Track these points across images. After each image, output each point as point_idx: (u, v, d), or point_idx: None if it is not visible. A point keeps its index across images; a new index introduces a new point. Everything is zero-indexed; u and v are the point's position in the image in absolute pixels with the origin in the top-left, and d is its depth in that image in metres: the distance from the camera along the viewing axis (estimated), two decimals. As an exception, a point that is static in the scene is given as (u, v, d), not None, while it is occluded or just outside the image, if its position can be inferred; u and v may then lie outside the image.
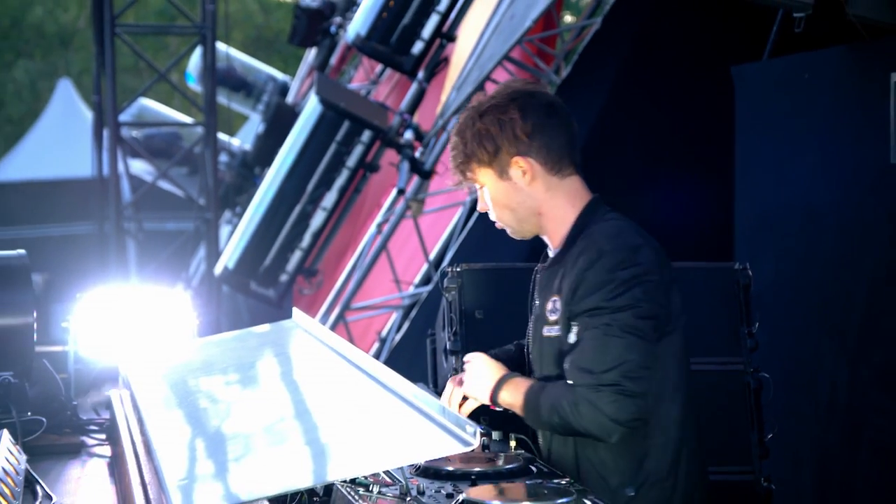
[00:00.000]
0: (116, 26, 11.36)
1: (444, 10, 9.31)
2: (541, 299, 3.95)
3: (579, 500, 3.19)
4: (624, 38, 9.20)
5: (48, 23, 36.12)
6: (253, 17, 35.32)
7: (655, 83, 8.76)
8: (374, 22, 9.42)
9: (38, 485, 4.02)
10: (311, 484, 3.25)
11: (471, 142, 3.89)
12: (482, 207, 4.05)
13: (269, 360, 4.35)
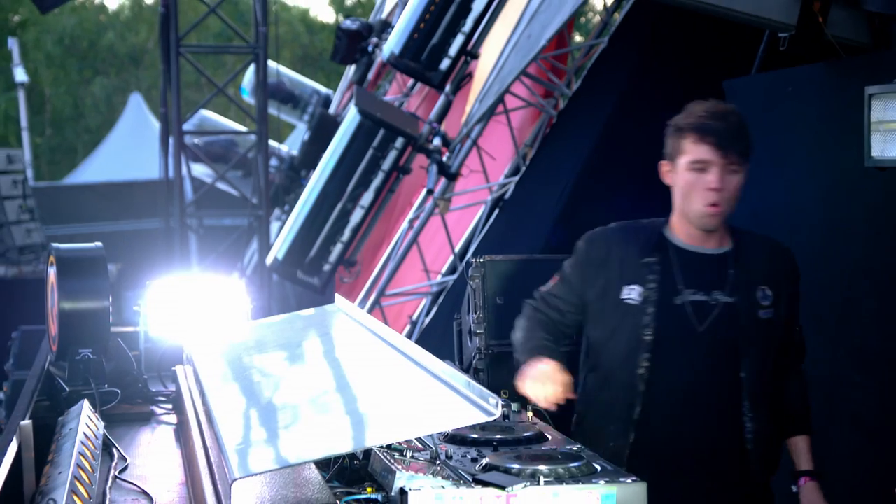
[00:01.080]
0: (181, 47, 11.40)
1: (469, 31, 9.29)
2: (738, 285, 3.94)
3: (589, 464, 3.19)
4: (628, 56, 9.19)
5: (120, 44, 36.30)
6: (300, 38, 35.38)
7: (657, 96, 8.73)
8: (407, 42, 9.41)
9: (114, 448, 4.05)
10: (351, 449, 3.26)
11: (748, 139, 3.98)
12: (720, 185, 3.89)
13: (313, 340, 4.35)
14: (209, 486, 3.19)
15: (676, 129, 4.02)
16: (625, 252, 3.99)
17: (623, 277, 3.94)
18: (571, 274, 4.09)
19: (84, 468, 3.50)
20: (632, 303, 3.91)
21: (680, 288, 3.90)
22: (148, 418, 4.64)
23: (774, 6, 6.09)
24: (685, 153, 3.93)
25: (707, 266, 3.94)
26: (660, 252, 3.95)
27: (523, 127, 10.51)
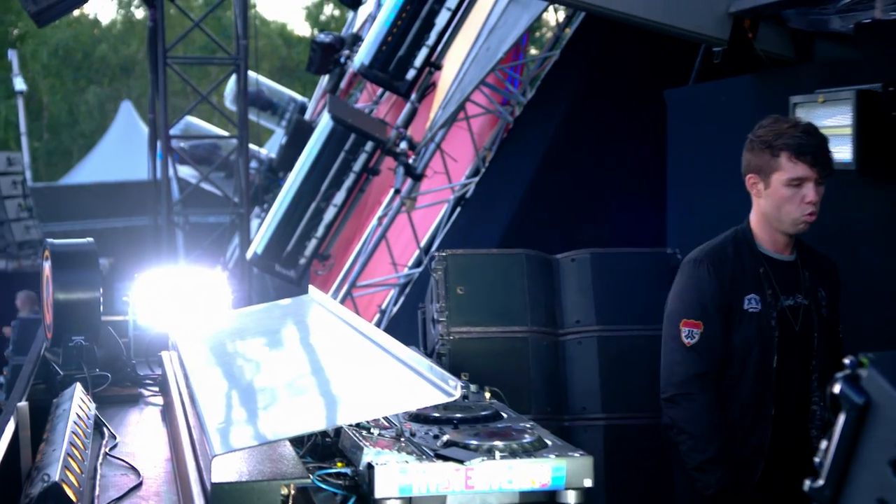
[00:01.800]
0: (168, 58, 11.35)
1: (432, 44, 9.31)
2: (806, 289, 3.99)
3: (541, 439, 3.20)
4: (578, 67, 9.21)
5: (112, 56, 36.22)
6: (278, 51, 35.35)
7: (603, 103, 8.76)
8: (376, 54, 9.42)
9: (104, 427, 4.04)
10: (323, 427, 3.26)
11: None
12: (816, 198, 3.85)
13: (289, 328, 4.35)
14: (192, 462, 3.19)
15: (767, 146, 3.90)
16: (738, 265, 3.98)
17: (742, 289, 3.93)
18: (712, 304, 3.97)
19: (77, 445, 3.49)
20: (754, 310, 3.91)
21: (779, 294, 3.94)
22: (136, 400, 4.63)
23: (709, 23, 6.11)
24: (781, 170, 3.85)
25: (790, 273, 3.98)
26: (762, 263, 3.96)
27: (483, 132, 10.53)
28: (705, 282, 3.97)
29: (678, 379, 3.99)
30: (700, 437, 3.93)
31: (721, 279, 3.95)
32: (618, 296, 4.87)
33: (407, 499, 2.95)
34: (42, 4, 9.77)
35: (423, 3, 9.22)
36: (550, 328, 4.88)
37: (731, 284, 3.94)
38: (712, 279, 3.96)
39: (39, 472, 3.19)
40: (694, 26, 6.13)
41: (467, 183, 10.22)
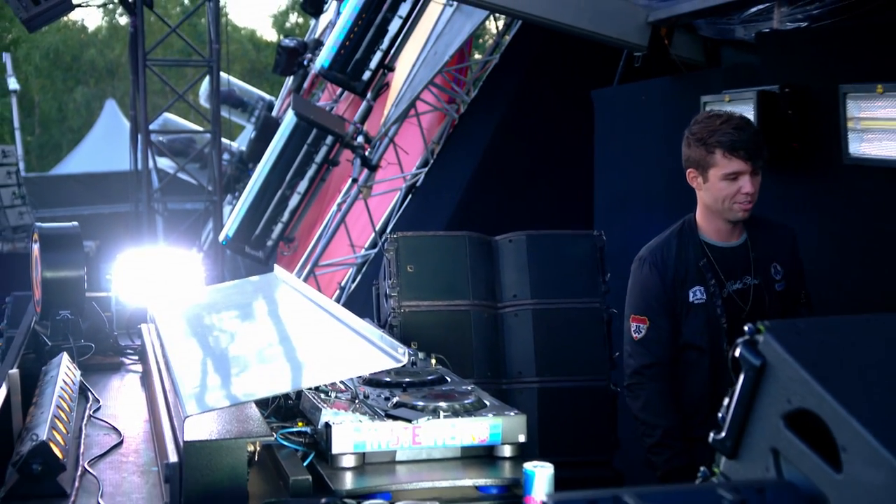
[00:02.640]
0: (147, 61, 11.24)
1: (386, 48, 9.29)
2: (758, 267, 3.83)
3: (480, 400, 3.21)
4: (516, 69, 9.21)
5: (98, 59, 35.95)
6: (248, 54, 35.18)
7: (538, 101, 8.78)
8: (335, 57, 9.38)
9: (89, 392, 4.03)
10: (286, 391, 3.26)
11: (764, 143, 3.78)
12: (752, 189, 3.69)
13: (257, 303, 4.33)
14: (167, 423, 3.18)
15: (702, 143, 3.73)
16: (680, 261, 3.83)
17: (686, 282, 3.80)
18: (657, 302, 3.87)
19: (63, 409, 3.47)
20: (699, 302, 3.78)
21: (724, 281, 3.80)
22: (118, 368, 4.60)
23: (631, 31, 6.14)
24: (717, 166, 3.68)
25: (736, 257, 3.83)
26: (705, 255, 3.81)
27: (431, 127, 10.52)
28: (649, 280, 3.88)
29: (629, 370, 3.95)
30: (648, 422, 3.88)
31: (663, 277, 3.84)
32: (550, 273, 4.87)
33: (361, 454, 2.96)
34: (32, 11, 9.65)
35: (377, 12, 9.19)
36: (490, 302, 4.88)
37: (675, 280, 3.83)
38: (654, 277, 3.86)
39: (29, 433, 3.17)
40: (617, 34, 6.16)
41: (417, 173, 10.22)
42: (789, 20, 5.34)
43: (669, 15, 5.98)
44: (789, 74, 5.08)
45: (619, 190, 6.92)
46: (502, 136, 9.02)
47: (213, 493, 2.70)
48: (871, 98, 4.33)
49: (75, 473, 3.09)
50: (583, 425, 4.73)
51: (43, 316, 4.75)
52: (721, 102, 5.36)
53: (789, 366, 1.95)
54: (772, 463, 1.99)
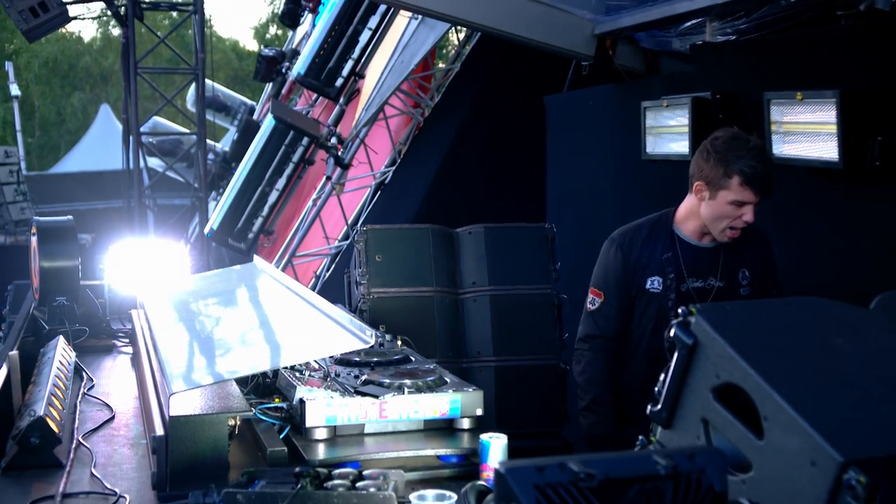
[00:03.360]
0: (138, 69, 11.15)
1: (357, 57, 9.27)
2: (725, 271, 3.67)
3: (441, 378, 3.22)
4: (475, 77, 9.22)
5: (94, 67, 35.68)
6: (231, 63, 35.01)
7: (496, 106, 8.79)
8: (310, 65, 9.34)
9: (83, 371, 4.01)
10: (265, 369, 3.26)
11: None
12: (751, 220, 3.51)
13: (238, 290, 4.32)
14: (154, 400, 3.17)
15: (723, 163, 3.49)
16: (647, 247, 3.71)
17: (647, 270, 3.69)
18: (615, 284, 3.78)
19: (59, 387, 3.45)
20: (655, 291, 3.67)
21: (685, 277, 3.67)
22: (110, 350, 4.59)
23: (579, 42, 6.16)
24: (729, 190, 3.48)
25: (704, 258, 3.67)
26: (672, 248, 3.67)
27: (398, 129, 10.50)
28: (612, 261, 3.80)
29: (578, 336, 3.92)
30: (582, 387, 3.86)
31: (626, 260, 3.74)
32: (506, 262, 4.88)
33: (332, 427, 2.96)
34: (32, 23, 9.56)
35: (349, 24, 9.17)
36: (451, 288, 4.89)
37: (636, 266, 3.73)
38: (617, 259, 3.77)
39: (28, 409, 3.16)
40: (566, 45, 6.17)
41: (386, 171, 10.20)
42: (720, 33, 5.37)
43: (613, 28, 6.00)
44: (720, 83, 5.11)
45: (568, 186, 6.94)
46: (463, 138, 9.03)
47: (197, 464, 2.70)
48: (792, 104, 4.37)
49: (70, 446, 3.08)
50: (535, 400, 4.75)
51: (41, 302, 4.73)
52: (660, 108, 5.38)
53: (718, 344, 1.97)
54: (702, 432, 2.01)
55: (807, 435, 1.79)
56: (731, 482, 1.73)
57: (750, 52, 5.14)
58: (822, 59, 4.48)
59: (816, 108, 4.19)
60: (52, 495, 2.70)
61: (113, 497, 2.69)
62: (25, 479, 2.83)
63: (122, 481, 2.81)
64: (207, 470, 2.68)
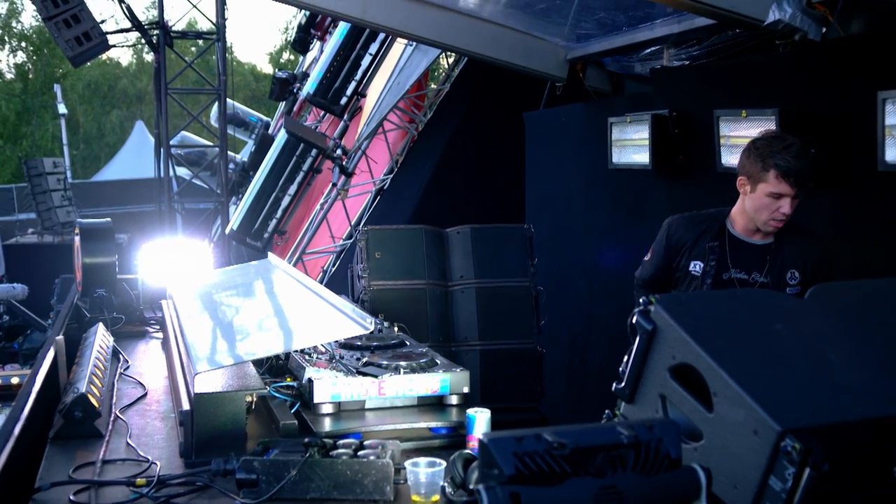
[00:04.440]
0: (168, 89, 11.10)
1: (359, 79, 9.24)
2: (773, 269, 3.48)
3: (433, 360, 3.22)
4: (463, 96, 9.21)
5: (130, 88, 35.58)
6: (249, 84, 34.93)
7: (481, 121, 8.78)
8: (318, 86, 9.31)
9: (120, 354, 4.03)
10: (278, 352, 3.26)
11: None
12: (790, 211, 3.34)
13: (256, 283, 4.31)
14: (182, 379, 3.17)
15: (761, 158, 3.35)
16: (695, 235, 3.57)
17: (692, 254, 3.56)
18: (659, 251, 3.67)
19: (99, 367, 3.46)
20: (696, 274, 3.54)
21: (729, 266, 3.51)
22: (143, 335, 4.62)
23: (553, 66, 6.17)
24: (767, 183, 3.33)
25: (751, 253, 3.49)
26: (719, 239, 3.52)
27: (396, 142, 10.47)
28: (660, 236, 3.67)
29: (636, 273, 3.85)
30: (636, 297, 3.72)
31: (668, 240, 3.63)
32: (490, 258, 4.88)
33: (337, 403, 2.97)
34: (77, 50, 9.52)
35: (352, 50, 9.14)
36: (442, 281, 4.89)
37: (679, 247, 3.60)
38: (662, 237, 3.65)
39: (72, 386, 3.17)
40: (543, 68, 6.18)
41: (384, 179, 10.18)
42: (676, 59, 5.38)
43: (583, 54, 6.01)
44: (676, 101, 5.12)
45: (544, 191, 6.94)
46: (452, 149, 9.02)
47: (219, 435, 2.70)
48: (738, 120, 4.38)
49: (109, 419, 3.09)
50: (515, 379, 4.75)
51: (83, 294, 4.75)
52: (624, 123, 5.38)
53: (674, 330, 1.97)
54: (660, 406, 2.01)
55: (750, 408, 1.79)
56: (685, 450, 1.74)
57: (702, 75, 5.14)
58: (763, 82, 4.49)
59: (759, 124, 4.20)
60: (93, 461, 2.71)
61: (146, 463, 2.69)
62: (70, 448, 2.84)
63: (154, 450, 2.82)
64: (228, 440, 2.68)
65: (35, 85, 34.25)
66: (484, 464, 1.53)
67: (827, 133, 4.01)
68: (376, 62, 9.33)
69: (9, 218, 17.61)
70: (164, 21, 10.56)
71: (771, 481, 1.75)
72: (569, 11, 5.56)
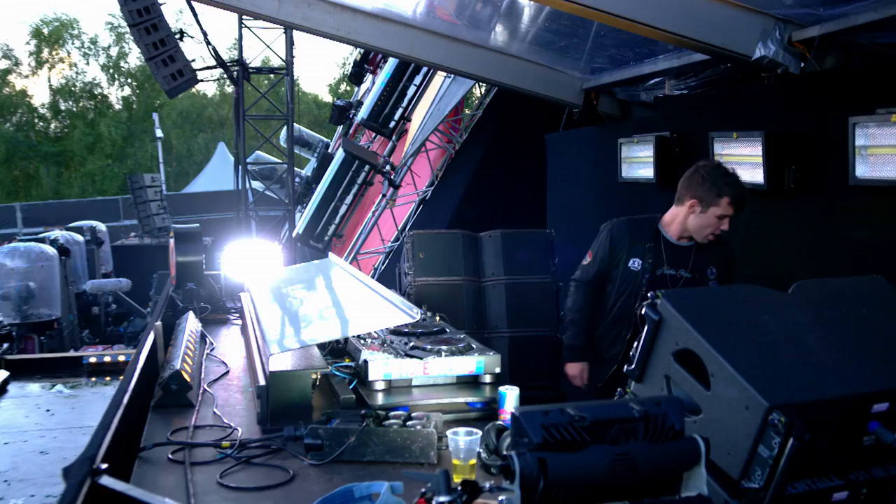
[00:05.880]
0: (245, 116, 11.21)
1: (406, 105, 9.27)
2: (696, 266, 3.52)
3: (469, 345, 3.21)
4: (493, 120, 9.19)
5: (214, 115, 35.90)
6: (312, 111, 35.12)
7: (509, 142, 8.76)
8: (371, 112, 9.36)
9: (207, 338, 4.05)
10: (338, 337, 3.27)
11: None
12: (728, 228, 3.41)
13: (318, 278, 4.33)
14: (258, 359, 3.19)
15: (714, 185, 3.38)
16: (634, 237, 3.60)
17: (631, 253, 3.58)
18: (601, 252, 3.68)
19: (190, 348, 3.49)
20: (635, 270, 3.56)
21: (662, 264, 3.54)
22: (225, 322, 4.64)
23: (571, 94, 6.14)
24: (718, 207, 3.37)
25: (680, 253, 3.53)
26: (655, 241, 3.55)
27: (436, 159, 10.48)
28: (602, 239, 3.70)
29: (571, 278, 3.83)
30: (566, 310, 3.80)
31: (612, 240, 3.64)
32: (517, 258, 4.87)
33: (388, 381, 2.97)
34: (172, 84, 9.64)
35: (399, 81, 9.17)
36: (476, 278, 4.88)
37: (620, 247, 3.61)
38: (606, 239, 3.67)
39: (168, 364, 3.20)
40: (562, 96, 6.15)
41: (427, 190, 10.19)
42: (676, 89, 5.34)
43: (597, 84, 5.98)
44: (676, 124, 5.08)
45: (563, 201, 6.91)
46: (485, 165, 9.01)
47: (289, 406, 2.72)
48: (730, 141, 4.34)
49: (198, 391, 3.12)
50: (538, 361, 4.74)
51: (176, 287, 4.79)
52: (632, 143, 5.35)
53: (677, 320, 1.96)
54: (665, 385, 1.99)
55: (742, 387, 1.78)
56: (687, 422, 1.72)
57: (698, 102, 5.10)
58: (751, 108, 4.44)
59: (747, 144, 4.16)
60: (186, 426, 2.74)
61: (230, 429, 2.72)
62: (168, 415, 2.88)
63: (236, 418, 2.84)
64: (297, 411, 2.70)
65: (138, 114, 34.77)
66: (515, 433, 1.53)
67: (805, 152, 3.98)
68: (420, 92, 9.35)
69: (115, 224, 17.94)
70: (242, 59, 10.65)
71: (760, 449, 1.74)
72: (584, 48, 5.53)
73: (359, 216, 11.17)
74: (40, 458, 3.57)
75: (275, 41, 10.71)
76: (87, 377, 5.15)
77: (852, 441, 1.85)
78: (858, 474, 1.85)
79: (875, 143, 3.43)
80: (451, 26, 5.74)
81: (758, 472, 1.74)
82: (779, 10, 3.96)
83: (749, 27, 4.00)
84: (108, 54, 35.42)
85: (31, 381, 4.98)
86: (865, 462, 1.86)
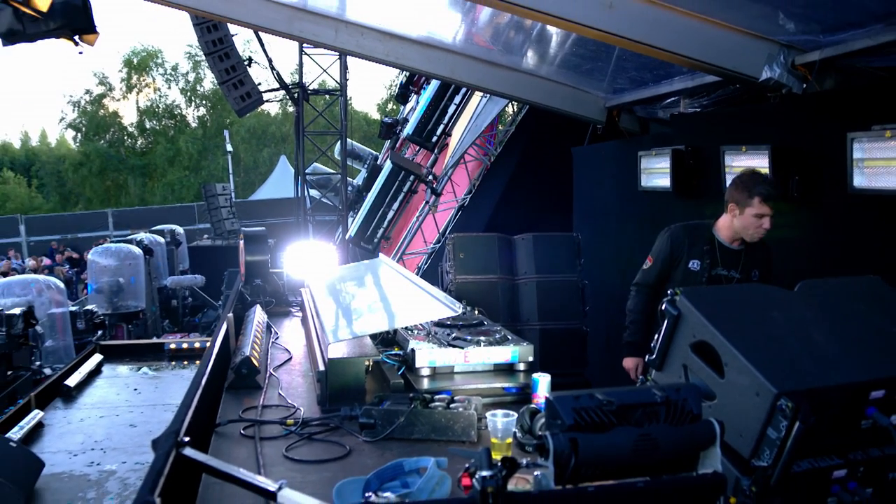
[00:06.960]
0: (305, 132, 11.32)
1: (446, 122, 9.28)
2: (744, 268, 3.47)
3: (505, 336, 3.21)
4: (525, 135, 9.17)
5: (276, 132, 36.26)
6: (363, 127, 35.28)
7: (539, 154, 8.73)
8: (416, 128, 9.39)
9: (272, 328, 4.08)
10: (387, 328, 3.28)
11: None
12: (769, 226, 3.35)
13: (369, 276, 4.35)
14: (317, 347, 3.21)
15: (746, 188, 3.34)
16: (692, 240, 3.53)
17: (690, 255, 3.51)
18: (662, 254, 3.59)
19: (257, 337, 3.52)
20: (694, 270, 3.49)
21: (717, 265, 3.49)
22: (288, 314, 4.67)
23: (595, 112, 6.09)
24: (753, 207, 3.32)
25: (732, 256, 3.48)
26: (710, 244, 3.49)
27: (474, 170, 10.48)
28: (663, 243, 3.61)
29: (632, 282, 3.73)
30: (627, 312, 3.71)
31: (672, 244, 3.56)
32: (547, 258, 4.86)
33: (433, 368, 2.97)
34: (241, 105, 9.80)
35: (441, 101, 9.18)
36: (510, 276, 4.88)
37: (680, 249, 3.54)
38: (666, 243, 3.59)
39: (239, 350, 3.24)
40: (587, 113, 6.11)
41: (465, 197, 10.19)
42: (690, 107, 5.27)
43: (619, 102, 5.92)
44: (691, 139, 5.02)
45: (588, 208, 6.86)
46: (517, 175, 8.99)
47: (345, 389, 2.74)
48: (739, 154, 4.28)
49: (265, 375, 3.15)
50: (566, 351, 4.72)
51: (245, 283, 4.84)
52: (650, 156, 5.29)
53: (695, 315, 1.94)
54: (683, 373, 1.98)
55: (753, 375, 1.76)
56: (703, 407, 1.71)
57: (710, 119, 5.03)
58: (758, 125, 4.39)
59: (755, 157, 4.11)
60: (255, 406, 2.77)
61: (293, 409, 2.75)
62: (239, 395, 2.91)
63: (298, 399, 2.87)
64: (352, 393, 2.72)
65: (211, 130, 35.30)
66: (549, 416, 1.53)
67: (808, 164, 3.93)
68: (459, 110, 9.36)
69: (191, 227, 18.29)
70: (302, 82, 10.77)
71: (769, 431, 1.72)
72: (607, 70, 5.49)
73: (404, 221, 11.22)
74: (130, 431, 3.65)
75: (331, 66, 10.81)
76: (168, 361, 5.24)
77: (852, 424, 1.83)
78: (857, 454, 1.83)
79: (871, 157, 3.40)
80: (488, 51, 5.75)
81: (766, 452, 1.73)
82: (783, 37, 3.92)
83: (756, 52, 3.96)
84: (186, 79, 36.06)
85: (120, 364, 5.09)
86: (863, 443, 1.84)
